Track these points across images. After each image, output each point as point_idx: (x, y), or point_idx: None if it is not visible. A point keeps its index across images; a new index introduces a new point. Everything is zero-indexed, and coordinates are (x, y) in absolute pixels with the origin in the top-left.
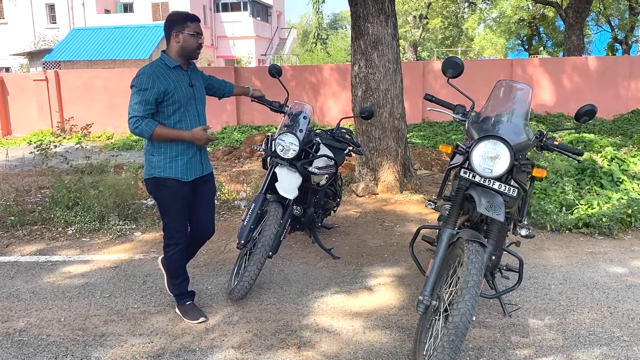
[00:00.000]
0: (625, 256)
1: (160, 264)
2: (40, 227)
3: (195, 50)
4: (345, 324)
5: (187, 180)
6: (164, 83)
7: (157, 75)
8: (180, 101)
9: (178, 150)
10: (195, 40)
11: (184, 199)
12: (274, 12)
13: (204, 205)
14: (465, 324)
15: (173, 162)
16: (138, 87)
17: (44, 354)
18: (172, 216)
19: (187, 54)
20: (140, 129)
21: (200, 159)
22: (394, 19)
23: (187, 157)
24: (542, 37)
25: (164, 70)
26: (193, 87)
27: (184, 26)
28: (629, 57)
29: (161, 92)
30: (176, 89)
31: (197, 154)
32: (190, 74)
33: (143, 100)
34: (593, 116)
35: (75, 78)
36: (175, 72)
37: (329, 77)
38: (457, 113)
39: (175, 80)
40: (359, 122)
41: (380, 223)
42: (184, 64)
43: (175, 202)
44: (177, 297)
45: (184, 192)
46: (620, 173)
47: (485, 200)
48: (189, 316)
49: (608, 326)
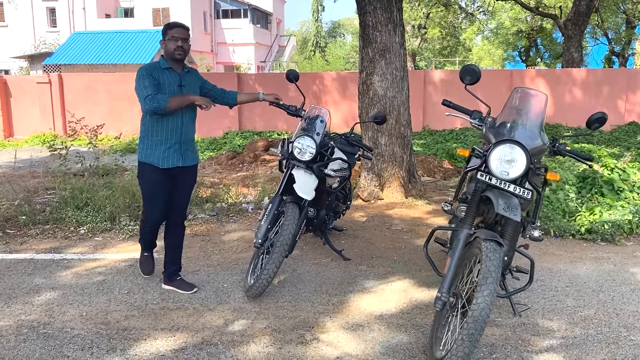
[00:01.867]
0: (629, 262)
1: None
2: (52, 226)
3: (174, 51)
4: (360, 321)
5: (162, 167)
6: (157, 75)
7: (152, 70)
8: None
9: (159, 139)
10: (174, 43)
11: (160, 184)
12: (273, 19)
13: (180, 194)
14: (484, 318)
15: (154, 149)
16: (141, 75)
17: (70, 345)
18: (148, 199)
19: (170, 56)
20: (157, 102)
21: (181, 151)
22: (402, 28)
23: (165, 146)
24: (539, 49)
25: (157, 69)
26: (181, 88)
27: (166, 34)
28: (626, 70)
29: (155, 79)
30: (164, 86)
31: (177, 145)
32: (182, 76)
33: (149, 83)
34: (604, 123)
35: (78, 81)
36: (167, 73)
37: (330, 84)
38: (474, 118)
39: (165, 79)
40: (365, 128)
41: (387, 227)
42: (176, 67)
43: (151, 186)
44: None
45: (159, 178)
46: (621, 182)
47: (503, 201)
48: (140, 266)
49: (615, 326)
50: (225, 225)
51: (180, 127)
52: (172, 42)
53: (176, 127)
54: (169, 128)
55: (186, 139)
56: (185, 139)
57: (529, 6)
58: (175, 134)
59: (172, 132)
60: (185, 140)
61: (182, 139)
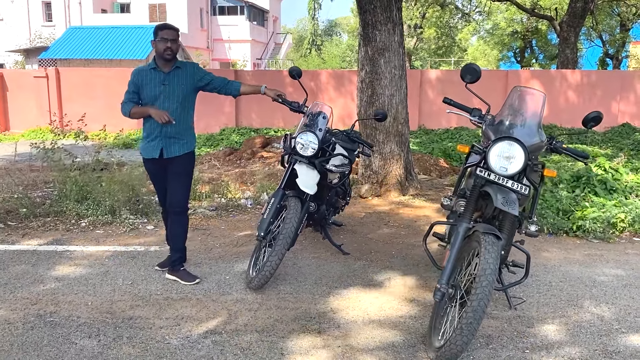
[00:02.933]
0: (620, 258)
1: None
2: (53, 219)
3: (163, 52)
4: (360, 312)
5: (147, 158)
6: (139, 79)
7: (138, 72)
8: (149, 95)
9: (145, 133)
10: (163, 44)
11: (152, 173)
12: (270, 17)
13: (171, 184)
14: (483, 308)
15: (143, 142)
16: (129, 81)
17: (77, 333)
18: (153, 185)
19: (160, 55)
20: (124, 110)
21: (163, 144)
22: (401, 27)
23: (149, 139)
24: (534, 50)
25: (145, 70)
26: (164, 86)
27: (157, 34)
28: (620, 72)
29: (137, 85)
30: (146, 85)
31: (158, 138)
32: (167, 75)
33: (127, 91)
34: (599, 122)
35: (75, 76)
36: (151, 73)
37: (326, 82)
38: (474, 116)
39: (147, 79)
40: (363, 126)
41: (385, 223)
42: (163, 66)
43: (149, 174)
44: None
45: (150, 168)
46: (614, 182)
47: (501, 196)
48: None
49: (607, 320)
50: (225, 219)
51: (159, 124)
52: (162, 43)
53: (157, 124)
54: (151, 124)
55: (170, 132)
56: (168, 133)
57: (524, 7)
58: (157, 129)
59: (154, 127)
60: (169, 134)
61: (164, 133)
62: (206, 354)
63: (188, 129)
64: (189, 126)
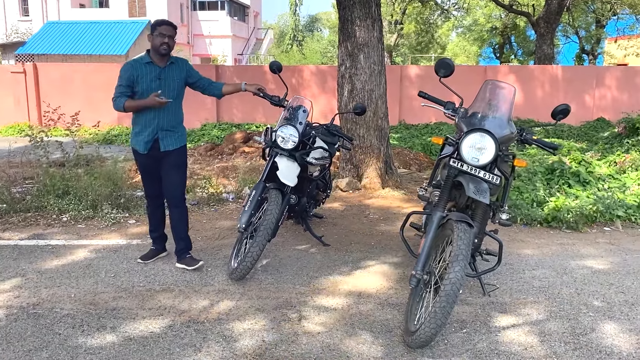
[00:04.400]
0: (591, 247)
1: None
2: (34, 214)
3: (159, 46)
4: (340, 301)
5: (142, 152)
6: (134, 73)
7: (132, 66)
8: (144, 90)
9: (139, 127)
10: (160, 39)
11: (145, 167)
12: (251, 12)
13: (168, 177)
14: (455, 292)
15: (136, 136)
16: (120, 74)
17: (60, 324)
18: (142, 178)
19: (155, 50)
20: (116, 105)
21: (156, 137)
22: (380, 23)
23: (145, 133)
24: (513, 46)
25: (139, 64)
26: (160, 80)
27: (155, 29)
28: (595, 67)
29: (131, 79)
30: (141, 79)
31: (154, 132)
32: (163, 70)
33: (119, 84)
34: (567, 114)
35: (54, 71)
36: (146, 67)
37: (308, 78)
38: (448, 109)
39: (142, 73)
40: (344, 120)
41: (365, 215)
42: (158, 61)
43: (139, 169)
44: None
45: (143, 162)
46: (587, 174)
47: (473, 186)
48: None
49: (576, 304)
50: (207, 213)
51: (157, 116)
52: (159, 38)
53: (151, 118)
54: (145, 118)
55: (166, 125)
56: (162, 127)
57: (502, 3)
58: (153, 121)
59: (149, 121)
60: (165, 127)
61: (158, 127)
62: (189, 342)
63: (180, 123)
64: (181, 120)
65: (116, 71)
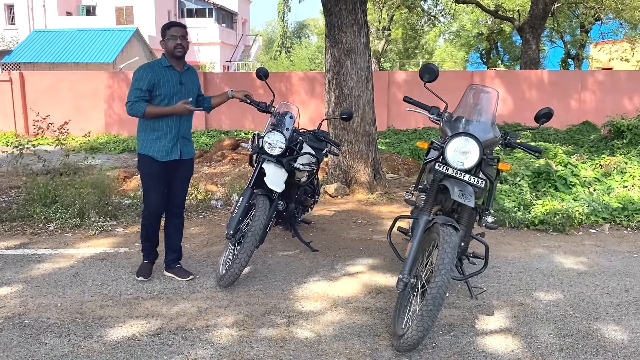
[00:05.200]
0: (577, 249)
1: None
2: (20, 223)
3: (174, 49)
4: (328, 306)
5: (161, 161)
6: (155, 76)
7: (151, 69)
8: (166, 94)
9: (158, 133)
10: (174, 41)
11: (158, 176)
12: (239, 19)
13: (178, 186)
14: (442, 295)
15: (153, 142)
16: (135, 77)
17: (46, 334)
18: (146, 189)
19: (170, 54)
20: (135, 110)
21: (179, 145)
22: (366, 29)
23: (165, 140)
24: (499, 51)
25: (158, 67)
26: (181, 85)
27: (165, 34)
28: (580, 72)
29: (151, 83)
30: (163, 83)
31: (175, 139)
32: (182, 74)
33: (137, 88)
34: (550, 118)
35: (41, 80)
36: (167, 71)
37: (297, 84)
38: (433, 113)
39: (164, 76)
40: (332, 126)
41: (354, 221)
42: (177, 65)
43: (150, 178)
44: (143, 256)
45: (158, 171)
46: (573, 177)
47: (458, 189)
48: (139, 272)
49: (562, 306)
50: (195, 220)
51: (178, 122)
52: (172, 41)
53: (174, 122)
54: (167, 124)
55: (184, 132)
56: (183, 133)
57: (488, 9)
58: (174, 128)
59: (171, 126)
60: (184, 134)
61: (180, 133)
62: (177, 349)
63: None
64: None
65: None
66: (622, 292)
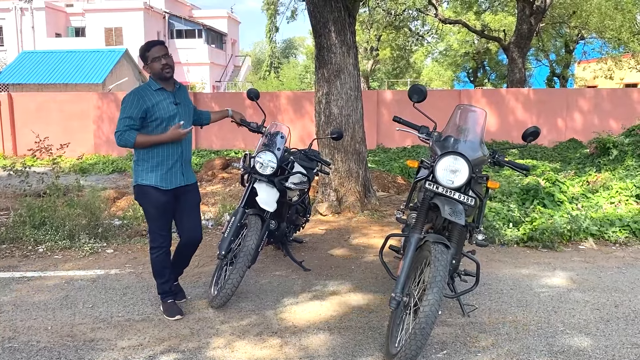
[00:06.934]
0: (567, 265)
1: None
2: (9, 245)
3: (162, 71)
4: (321, 325)
5: (166, 189)
6: (147, 102)
7: (141, 95)
8: (162, 117)
9: (158, 160)
10: (159, 63)
11: (164, 206)
12: (228, 39)
13: (188, 213)
14: (434, 312)
15: (153, 171)
16: (124, 105)
17: (37, 357)
18: (153, 221)
19: (158, 76)
20: (124, 140)
21: (182, 170)
22: (355, 50)
23: (166, 167)
24: (486, 70)
25: (148, 92)
26: (177, 106)
27: (146, 57)
28: (565, 90)
29: (143, 109)
30: (158, 107)
31: (177, 164)
32: (175, 94)
33: (126, 116)
34: (537, 136)
35: (30, 101)
36: (159, 94)
37: (286, 103)
38: (422, 133)
39: (158, 100)
40: (322, 145)
41: (345, 239)
42: (167, 86)
43: (156, 209)
44: (161, 295)
45: (164, 200)
46: (561, 194)
47: (448, 207)
48: (166, 312)
49: (553, 322)
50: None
51: (180, 145)
52: (157, 63)
53: (176, 147)
54: (168, 150)
55: (187, 157)
56: (185, 158)
57: (475, 29)
58: (175, 154)
59: (172, 152)
60: (186, 159)
61: (183, 158)
62: None
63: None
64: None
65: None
66: (612, 308)
